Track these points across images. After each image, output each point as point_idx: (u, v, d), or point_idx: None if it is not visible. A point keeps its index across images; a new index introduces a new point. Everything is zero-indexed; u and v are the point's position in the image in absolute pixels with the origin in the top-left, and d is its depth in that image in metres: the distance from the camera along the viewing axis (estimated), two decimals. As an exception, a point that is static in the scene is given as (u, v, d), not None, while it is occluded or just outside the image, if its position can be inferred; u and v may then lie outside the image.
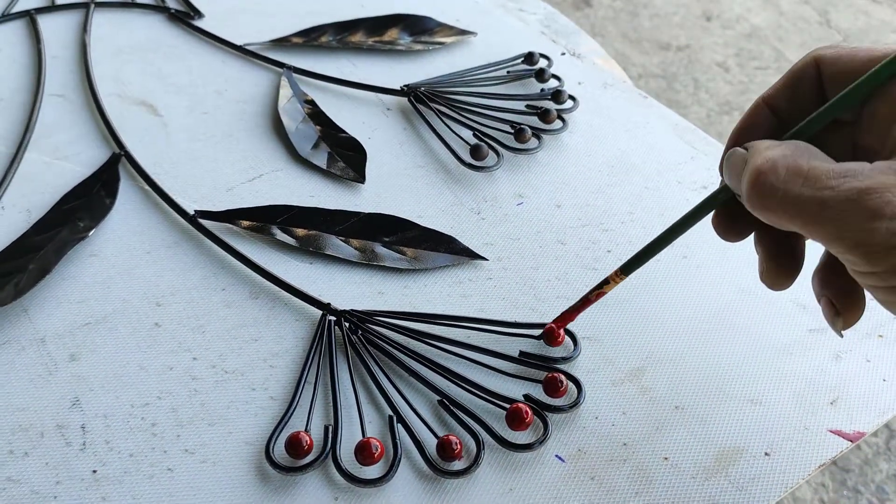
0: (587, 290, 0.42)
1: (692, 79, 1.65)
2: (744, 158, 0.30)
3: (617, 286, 0.40)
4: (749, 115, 0.34)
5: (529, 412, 0.38)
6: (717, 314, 0.45)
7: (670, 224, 0.36)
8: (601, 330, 0.44)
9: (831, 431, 0.39)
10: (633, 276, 0.44)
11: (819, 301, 0.33)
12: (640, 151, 0.55)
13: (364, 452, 0.37)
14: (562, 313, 0.42)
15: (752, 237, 0.35)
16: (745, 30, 1.83)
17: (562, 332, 0.42)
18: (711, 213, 0.35)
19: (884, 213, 0.25)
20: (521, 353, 0.42)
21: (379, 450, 0.37)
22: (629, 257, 0.38)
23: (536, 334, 0.43)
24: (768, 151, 0.29)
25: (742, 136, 0.33)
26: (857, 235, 0.26)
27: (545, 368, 0.41)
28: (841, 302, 0.32)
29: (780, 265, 0.34)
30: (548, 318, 0.44)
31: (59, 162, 0.52)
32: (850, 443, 0.39)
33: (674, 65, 1.69)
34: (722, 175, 0.33)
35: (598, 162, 0.55)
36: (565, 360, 0.42)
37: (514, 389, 0.41)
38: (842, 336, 0.33)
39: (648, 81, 1.65)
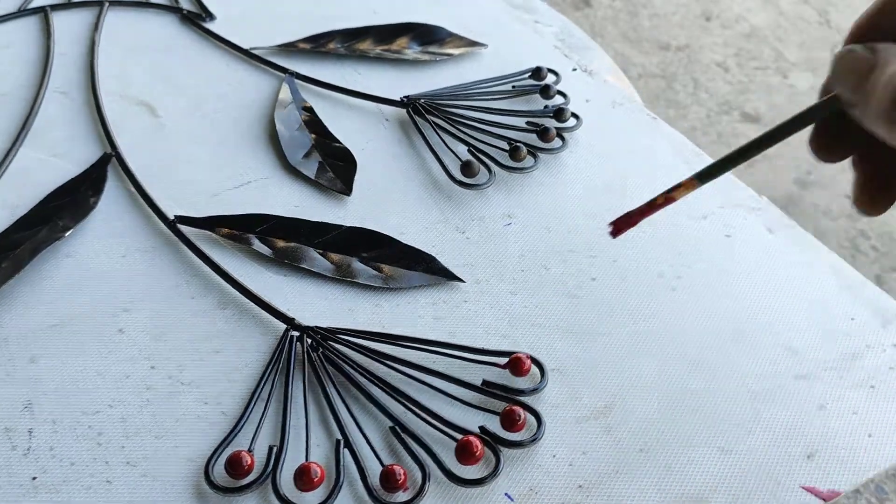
0: (563, 318, 0.40)
1: (692, 78, 1.65)
2: (869, 63, 0.26)
3: (685, 194, 0.34)
4: (870, 15, 0.29)
5: (480, 446, 0.37)
6: (698, 353, 0.43)
7: (762, 133, 0.31)
8: (571, 362, 0.42)
9: (804, 488, 0.37)
10: (613, 306, 0.42)
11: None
12: (641, 175, 0.53)
13: (303, 478, 0.35)
14: (623, 215, 0.35)
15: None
16: (745, 30, 1.83)
17: (528, 361, 0.41)
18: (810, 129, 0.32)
19: None
20: (484, 382, 0.40)
21: (319, 475, 0.36)
22: (707, 164, 0.33)
23: (502, 363, 0.41)
24: None
25: (866, 34, 0.29)
26: None
27: (507, 400, 0.40)
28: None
29: (880, 187, 0.32)
30: (520, 347, 0.43)
31: (52, 159, 0.53)
32: (822, 502, 0.37)
33: (673, 64, 1.69)
34: (835, 78, 0.28)
35: (595, 184, 0.53)
36: (530, 391, 0.40)
37: (474, 420, 0.39)
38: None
39: (648, 81, 1.65)
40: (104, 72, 0.60)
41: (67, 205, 0.49)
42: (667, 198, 0.34)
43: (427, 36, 0.65)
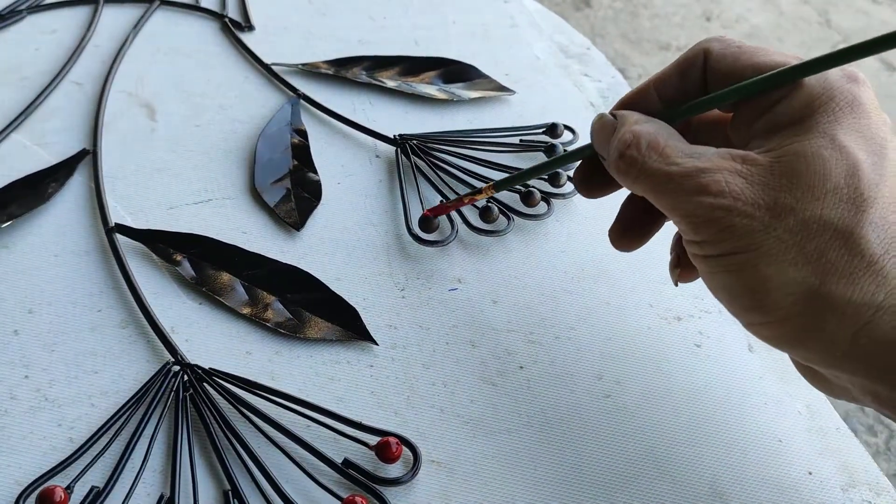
0: (469, 405, 0.37)
1: (692, 79, 1.69)
2: (612, 126, 0.34)
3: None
4: (636, 93, 0.36)
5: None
6: (606, 478, 0.37)
7: (541, 163, 0.42)
8: (456, 457, 0.37)
9: None
10: (531, 401, 0.39)
11: (671, 254, 0.38)
12: (624, 259, 0.47)
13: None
14: (437, 206, 0.47)
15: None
16: (745, 30, 1.85)
17: (399, 447, 0.37)
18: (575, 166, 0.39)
19: (710, 190, 0.30)
20: (345, 462, 0.36)
21: (118, 531, 0.33)
22: (505, 177, 0.44)
23: (371, 443, 0.37)
24: (636, 126, 0.33)
25: (626, 106, 0.36)
26: (687, 206, 0.30)
27: (363, 486, 0.36)
28: (685, 260, 0.36)
29: (628, 229, 0.39)
30: (410, 429, 0.39)
31: (36, 148, 0.53)
32: None
33: (674, 65, 1.75)
34: (591, 136, 0.36)
35: (568, 260, 0.47)
36: (392, 481, 0.36)
37: (322, 501, 0.35)
38: (676, 285, 0.39)
39: (648, 82, 1.70)
40: (126, 69, 0.61)
41: (24, 194, 0.49)
42: (470, 199, 0.45)
43: (456, 74, 0.61)
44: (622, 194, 0.39)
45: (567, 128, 0.56)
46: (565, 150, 0.54)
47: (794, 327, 0.29)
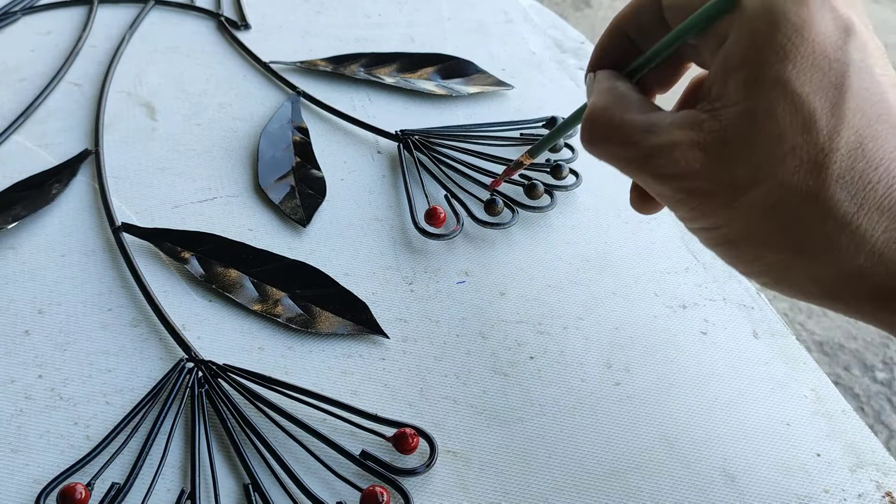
0: (481, 396, 0.38)
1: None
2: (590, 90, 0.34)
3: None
4: (605, 36, 0.34)
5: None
6: (618, 464, 0.38)
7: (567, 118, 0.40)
8: (471, 446, 0.38)
9: None
10: (543, 390, 0.40)
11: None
12: (627, 249, 0.48)
13: (123, 525, 0.33)
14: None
15: None
16: None
17: (416, 438, 0.37)
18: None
19: (670, 173, 0.29)
20: (363, 454, 0.37)
21: (141, 526, 0.33)
22: (535, 144, 0.44)
23: (388, 435, 0.37)
24: (595, 99, 0.32)
25: (601, 55, 0.35)
26: (654, 188, 0.30)
27: (382, 477, 0.36)
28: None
29: (644, 193, 0.35)
30: (425, 420, 0.39)
31: (37, 149, 0.53)
32: None
33: (674, 65, 1.79)
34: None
35: (573, 252, 0.48)
36: (409, 471, 0.36)
37: (340, 491, 0.36)
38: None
39: (649, 82, 1.73)
40: (124, 69, 0.60)
41: (28, 196, 0.49)
42: (513, 171, 0.47)
43: (453, 69, 0.62)
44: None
45: (566, 121, 0.56)
46: (567, 146, 0.54)
47: (784, 285, 0.30)
